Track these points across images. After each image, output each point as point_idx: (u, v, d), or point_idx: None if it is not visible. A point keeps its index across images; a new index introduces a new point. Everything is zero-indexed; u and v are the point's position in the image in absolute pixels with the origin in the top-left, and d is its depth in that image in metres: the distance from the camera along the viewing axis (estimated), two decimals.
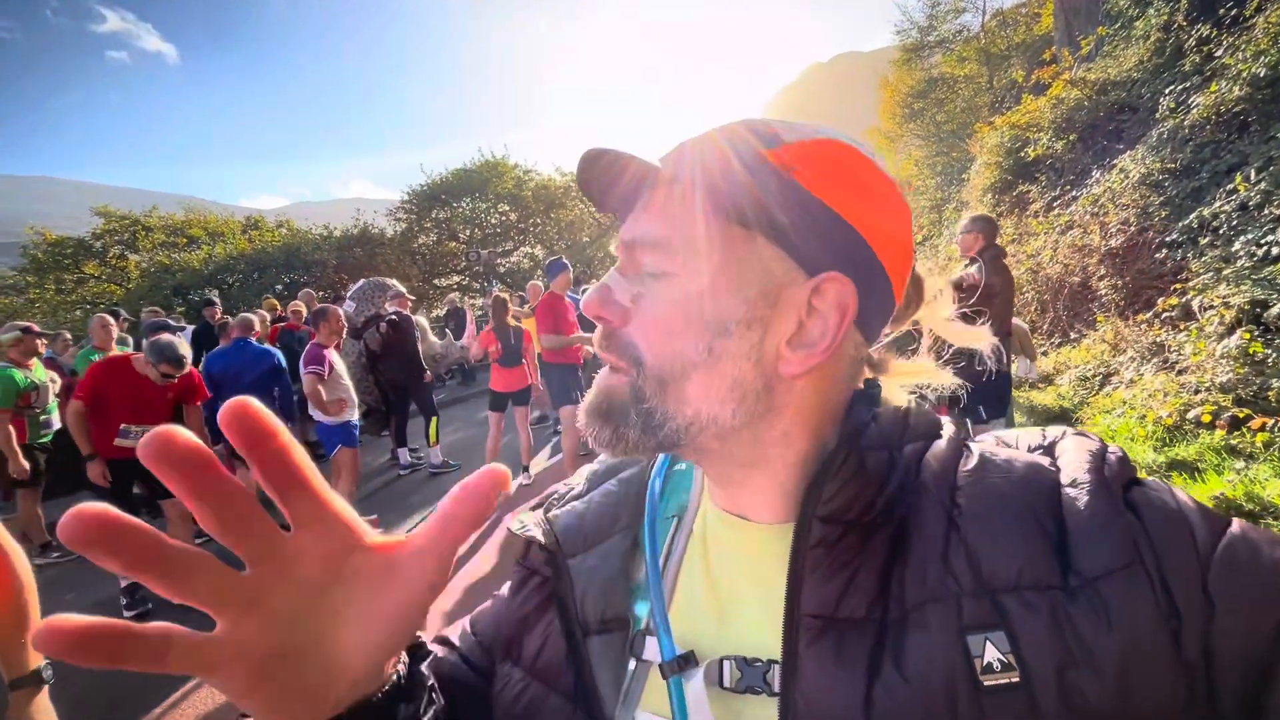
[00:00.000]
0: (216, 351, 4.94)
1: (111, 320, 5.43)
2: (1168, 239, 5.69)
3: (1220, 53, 6.39)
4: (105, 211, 17.26)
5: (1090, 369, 5.58)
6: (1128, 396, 4.74)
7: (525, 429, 5.48)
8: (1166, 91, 7.01)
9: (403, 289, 6.49)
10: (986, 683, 0.35)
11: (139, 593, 3.69)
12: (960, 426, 0.49)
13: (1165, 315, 5.12)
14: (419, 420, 6.21)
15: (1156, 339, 5.03)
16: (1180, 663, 0.34)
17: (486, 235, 20.44)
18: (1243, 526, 0.38)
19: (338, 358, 4.58)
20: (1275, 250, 4.48)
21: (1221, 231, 5.14)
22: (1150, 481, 0.40)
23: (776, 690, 0.41)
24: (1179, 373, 4.51)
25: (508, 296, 6.30)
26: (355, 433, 4.62)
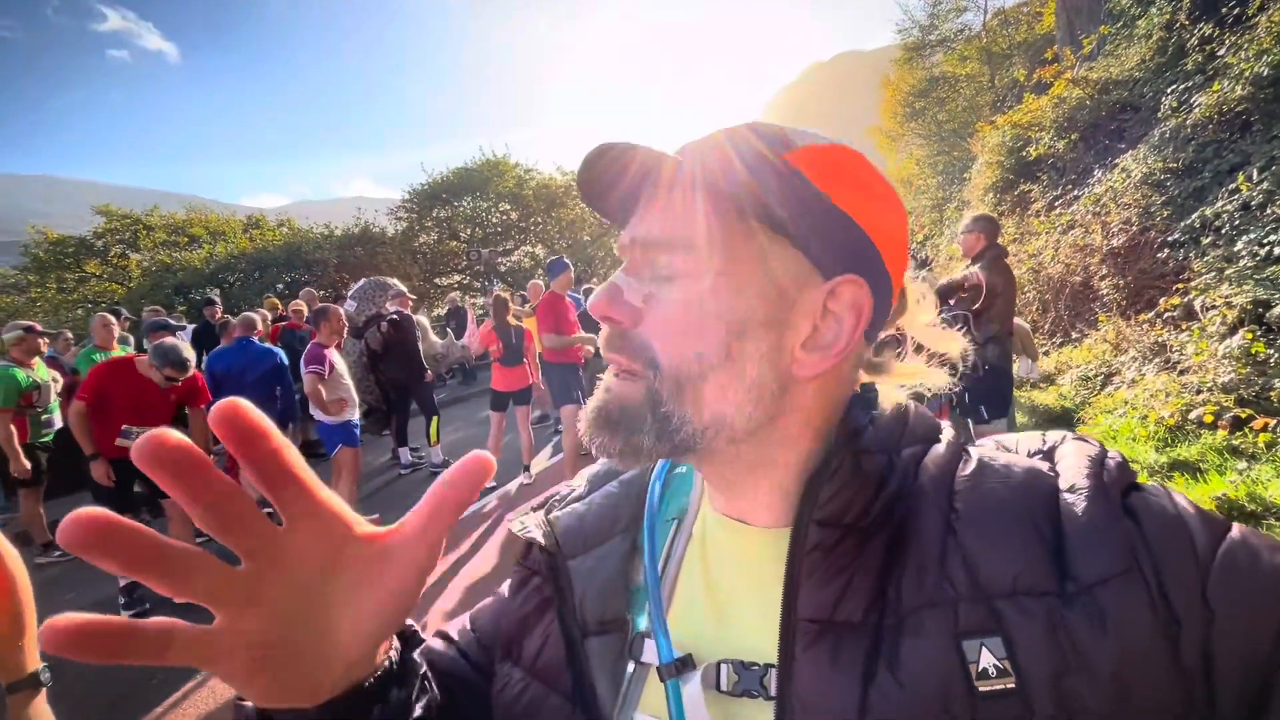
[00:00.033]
0: (219, 351, 4.94)
1: (113, 319, 5.44)
2: (1170, 238, 5.68)
3: (1223, 52, 6.37)
4: (106, 210, 17.24)
5: (1092, 369, 5.58)
6: (1129, 396, 4.73)
7: (526, 428, 5.48)
8: (1169, 91, 6.99)
9: (404, 288, 6.49)
10: (982, 688, 0.35)
11: (137, 592, 3.71)
12: (959, 430, 0.49)
13: (1167, 315, 5.11)
14: (420, 419, 6.22)
15: (1158, 339, 5.02)
16: (1178, 669, 0.34)
17: (487, 234, 20.43)
18: (1242, 532, 0.37)
19: (338, 357, 4.58)
20: (1277, 250, 4.47)
21: (1224, 231, 5.12)
22: (1150, 486, 0.40)
23: (773, 694, 0.41)
24: (1181, 373, 4.50)
25: (508, 296, 6.30)
26: (356, 432, 4.63)
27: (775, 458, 0.45)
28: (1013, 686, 0.35)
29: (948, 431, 0.48)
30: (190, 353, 3.65)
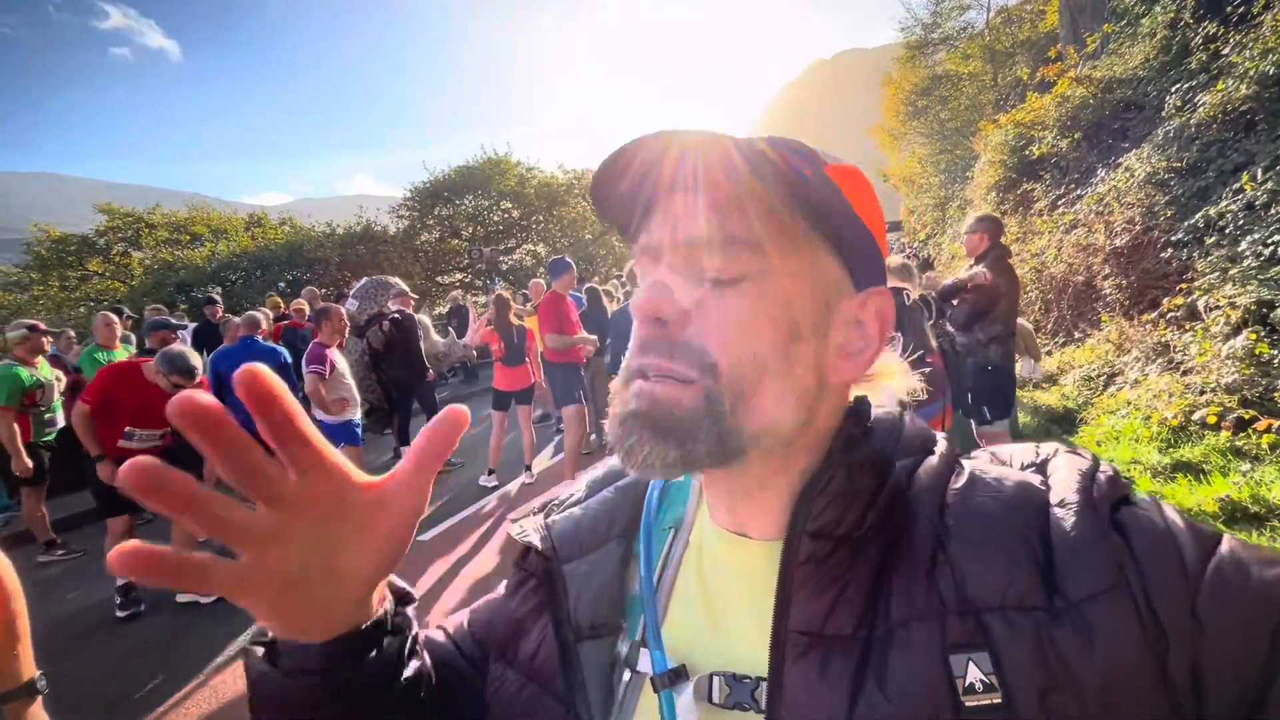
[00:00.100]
0: (224, 350, 4.96)
1: (115, 318, 5.46)
2: (1173, 238, 5.65)
3: (1227, 51, 6.34)
4: (109, 208, 17.28)
5: (1094, 369, 5.57)
6: (1132, 397, 4.72)
7: (528, 428, 5.49)
8: (1173, 90, 6.97)
9: (405, 287, 6.50)
10: (968, 703, 0.35)
11: (132, 593, 3.78)
12: (953, 441, 0.49)
13: (1170, 315, 5.09)
14: (421, 419, 6.24)
15: (1161, 339, 5.01)
16: (1166, 684, 0.34)
17: (489, 233, 20.45)
18: (1232, 545, 0.37)
19: (340, 356, 4.59)
20: None
21: (1228, 231, 5.10)
22: (1141, 500, 0.40)
23: (764, 708, 0.41)
24: (1184, 373, 4.49)
25: (510, 295, 6.30)
26: (358, 431, 4.64)
27: (791, 466, 0.45)
28: (999, 702, 0.35)
29: (941, 442, 0.48)
30: (197, 360, 3.65)
